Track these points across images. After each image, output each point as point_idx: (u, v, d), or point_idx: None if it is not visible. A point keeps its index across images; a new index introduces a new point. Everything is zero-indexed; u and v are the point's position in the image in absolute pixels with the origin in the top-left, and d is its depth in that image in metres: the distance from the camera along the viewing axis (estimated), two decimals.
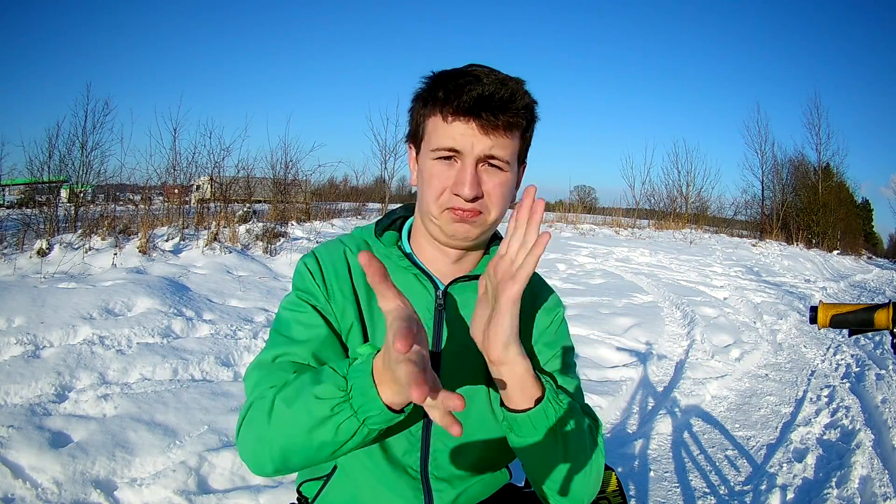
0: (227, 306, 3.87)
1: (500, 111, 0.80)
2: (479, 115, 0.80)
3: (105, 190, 7.71)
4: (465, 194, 0.81)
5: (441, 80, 0.83)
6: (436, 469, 0.87)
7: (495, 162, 0.83)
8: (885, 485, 2.25)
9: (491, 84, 0.80)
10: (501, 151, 0.82)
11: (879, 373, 3.88)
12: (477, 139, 0.81)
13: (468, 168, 0.81)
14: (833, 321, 0.94)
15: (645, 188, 18.14)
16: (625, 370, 3.54)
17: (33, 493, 1.77)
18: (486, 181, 0.83)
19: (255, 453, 0.73)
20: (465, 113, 0.80)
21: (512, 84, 0.82)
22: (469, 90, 0.80)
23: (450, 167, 0.83)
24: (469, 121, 0.81)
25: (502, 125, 0.81)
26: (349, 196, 14.39)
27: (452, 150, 0.82)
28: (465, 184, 0.81)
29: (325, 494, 0.91)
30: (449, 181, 0.83)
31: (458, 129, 0.81)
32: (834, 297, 8.28)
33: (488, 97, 0.80)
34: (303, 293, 0.86)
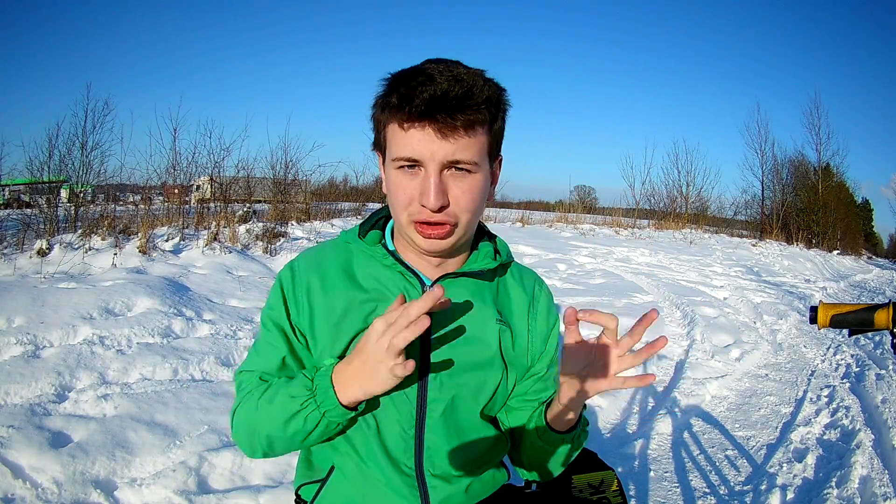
0: (227, 306, 3.87)
1: (457, 111, 0.75)
2: (433, 118, 0.75)
3: (105, 190, 7.70)
4: (431, 204, 0.77)
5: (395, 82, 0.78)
6: (430, 466, 0.87)
7: (461, 166, 0.79)
8: (885, 485, 2.25)
9: (444, 82, 0.75)
10: (466, 154, 0.78)
11: (879, 373, 3.88)
12: (436, 145, 0.76)
13: (431, 176, 0.77)
14: (833, 321, 0.94)
15: (645, 188, 18.11)
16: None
17: (33, 493, 1.77)
18: (453, 187, 0.79)
19: (248, 440, 0.87)
20: (420, 118, 0.75)
21: (467, 78, 0.77)
22: (420, 92, 0.74)
23: (413, 176, 0.79)
24: (424, 126, 0.76)
25: (462, 125, 0.76)
26: (349, 196, 14.37)
27: (412, 160, 0.78)
28: (429, 194, 0.77)
29: (322, 496, 0.91)
30: (414, 191, 0.79)
31: (415, 136, 0.76)
32: (834, 297, 8.28)
33: (441, 97, 0.74)
34: (272, 312, 0.89)
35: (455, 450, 0.88)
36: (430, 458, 0.87)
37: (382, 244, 0.90)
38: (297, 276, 0.89)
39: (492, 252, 0.93)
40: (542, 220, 15.04)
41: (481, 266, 0.90)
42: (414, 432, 0.86)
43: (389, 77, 0.81)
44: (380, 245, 0.89)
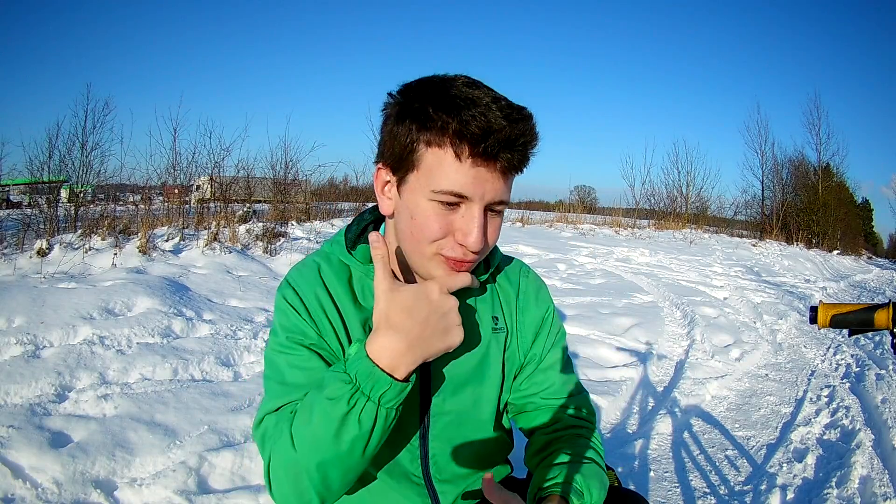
0: (227, 306, 3.87)
1: (521, 152, 0.73)
2: (501, 157, 0.72)
3: (105, 190, 7.70)
4: (474, 246, 0.74)
5: (446, 103, 0.71)
6: (437, 472, 0.88)
7: (499, 207, 0.77)
8: (885, 485, 2.25)
9: (512, 121, 0.71)
10: (508, 195, 0.77)
11: (879, 373, 3.88)
12: (491, 183, 0.73)
13: (477, 217, 0.74)
14: (833, 321, 0.94)
15: (645, 188, 18.15)
16: (625, 370, 3.54)
17: (33, 493, 1.77)
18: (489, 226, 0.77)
19: (296, 489, 0.73)
20: (487, 155, 0.71)
21: (529, 122, 0.74)
22: (491, 127, 0.70)
23: (452, 211, 0.74)
24: (489, 163, 0.72)
25: (518, 166, 0.75)
26: (349, 196, 14.36)
27: (459, 196, 0.73)
28: (472, 234, 0.74)
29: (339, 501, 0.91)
30: (451, 227, 0.75)
31: (475, 172, 0.72)
32: (834, 297, 8.28)
33: (514, 139, 0.71)
34: (292, 334, 0.80)
35: (459, 457, 0.89)
36: (437, 466, 0.88)
37: None
38: (304, 295, 0.82)
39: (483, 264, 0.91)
40: (542, 220, 15.04)
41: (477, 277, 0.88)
42: (419, 443, 0.87)
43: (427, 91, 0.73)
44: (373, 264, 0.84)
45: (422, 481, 0.88)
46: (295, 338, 0.80)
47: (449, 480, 0.89)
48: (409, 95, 0.75)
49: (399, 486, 0.87)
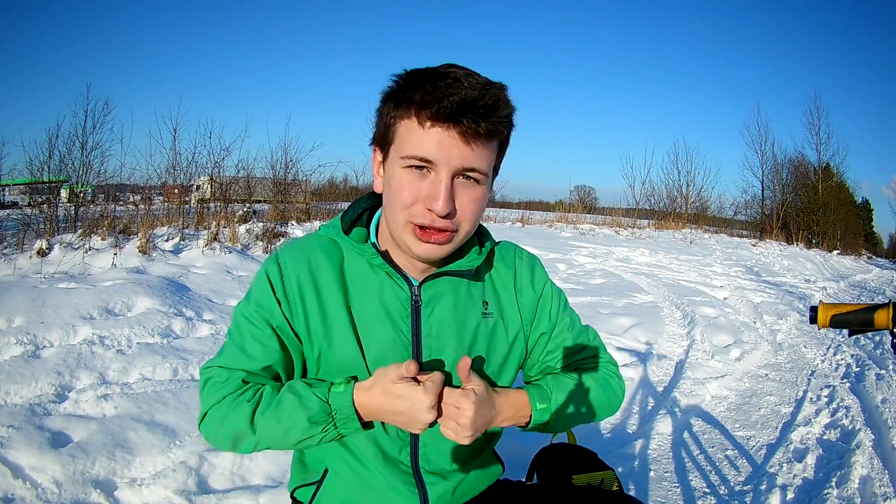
0: (227, 306, 3.87)
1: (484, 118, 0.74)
2: (459, 121, 0.74)
3: (105, 190, 7.70)
4: (439, 210, 0.76)
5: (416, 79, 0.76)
6: (426, 463, 0.89)
7: (473, 175, 0.78)
8: (885, 485, 2.25)
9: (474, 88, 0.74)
10: (481, 163, 0.77)
11: (879, 373, 3.88)
12: (457, 149, 0.75)
13: (444, 180, 0.76)
14: (833, 321, 0.94)
15: (645, 188, 18.11)
16: (625, 370, 3.53)
17: (33, 493, 1.77)
18: (461, 195, 0.78)
19: (228, 440, 0.83)
20: (446, 118, 0.74)
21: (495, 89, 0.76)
22: (451, 94, 0.73)
23: (422, 177, 0.77)
24: (449, 127, 0.74)
25: (484, 133, 0.75)
26: (349, 196, 14.36)
27: (426, 161, 0.76)
28: (438, 198, 0.76)
29: (319, 498, 0.91)
30: (421, 193, 0.77)
31: (436, 135, 0.75)
32: (834, 297, 8.28)
33: (472, 102, 0.74)
34: (261, 309, 0.85)
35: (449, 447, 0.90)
36: (426, 456, 0.89)
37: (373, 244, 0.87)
38: (286, 275, 0.85)
39: (477, 247, 0.91)
40: (542, 220, 15.04)
41: (468, 264, 0.89)
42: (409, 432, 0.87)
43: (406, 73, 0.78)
44: (368, 244, 0.87)
45: (410, 470, 0.88)
46: (263, 314, 0.85)
47: (437, 472, 0.90)
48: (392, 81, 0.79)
49: (387, 472, 0.88)
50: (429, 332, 0.86)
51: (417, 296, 0.86)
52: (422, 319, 0.86)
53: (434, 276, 0.87)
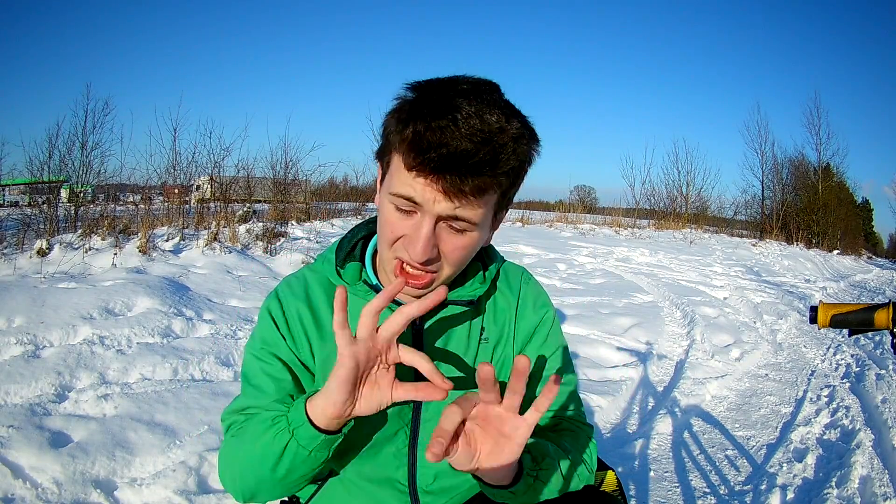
0: (227, 306, 3.87)
1: (472, 175, 0.68)
2: (443, 176, 0.67)
3: (105, 190, 7.70)
4: (416, 257, 0.72)
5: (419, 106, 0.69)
6: (424, 483, 0.89)
7: (458, 225, 0.73)
8: (885, 485, 2.25)
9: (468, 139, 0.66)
10: (467, 214, 0.71)
11: (879, 373, 3.88)
12: (440, 202, 0.70)
13: (424, 227, 0.71)
14: (833, 321, 0.94)
15: (645, 188, 18.13)
16: (625, 370, 3.54)
17: (33, 493, 1.77)
18: (446, 241, 0.74)
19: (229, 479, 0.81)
20: (429, 171, 0.68)
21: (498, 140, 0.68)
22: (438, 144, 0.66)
23: (407, 217, 0.73)
24: (432, 181, 0.68)
25: (469, 192, 0.69)
26: (349, 196, 14.37)
27: (411, 202, 0.71)
28: (416, 245, 0.71)
29: (318, 498, 0.91)
30: (404, 232, 0.73)
31: (420, 184, 0.69)
32: (834, 297, 8.28)
33: (459, 157, 0.66)
34: (267, 345, 0.84)
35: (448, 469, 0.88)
36: (424, 477, 0.88)
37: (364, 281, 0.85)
38: (287, 309, 0.85)
39: (481, 275, 0.88)
40: (542, 220, 15.05)
41: (470, 293, 0.86)
42: (407, 451, 0.87)
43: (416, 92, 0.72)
44: (361, 283, 0.85)
45: (406, 489, 0.88)
46: (270, 349, 0.84)
47: (434, 492, 0.89)
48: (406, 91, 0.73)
49: (381, 492, 0.87)
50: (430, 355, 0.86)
51: (419, 325, 0.85)
52: (423, 348, 0.85)
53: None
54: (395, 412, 0.85)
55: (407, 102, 0.71)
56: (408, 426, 0.86)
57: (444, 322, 0.87)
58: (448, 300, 0.85)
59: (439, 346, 0.87)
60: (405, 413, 0.86)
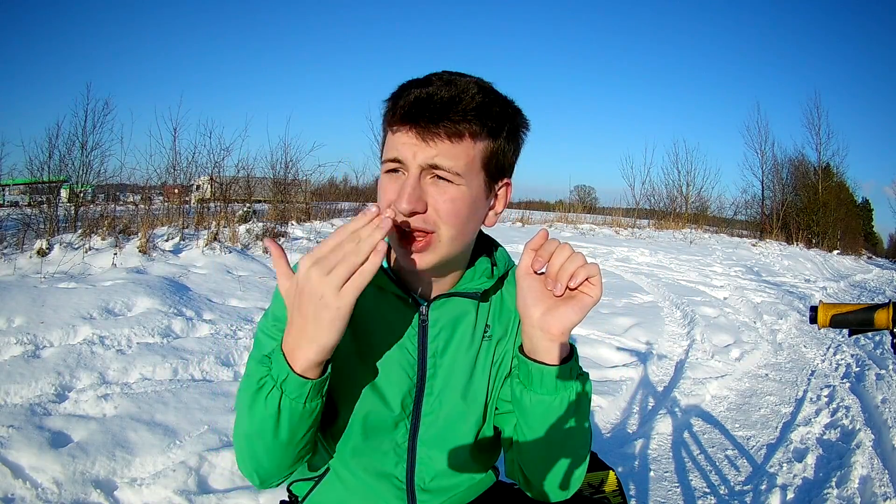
0: (227, 306, 3.87)
1: (441, 114, 0.73)
2: (416, 121, 0.73)
3: (105, 190, 7.70)
4: (401, 207, 0.74)
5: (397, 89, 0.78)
6: (421, 481, 0.89)
7: (442, 173, 0.74)
8: (885, 485, 2.25)
9: (434, 87, 0.73)
10: (448, 161, 0.74)
11: (879, 373, 3.88)
12: (417, 148, 0.74)
13: (409, 180, 0.75)
14: (833, 321, 0.94)
15: (645, 188, 18.13)
16: (625, 370, 3.54)
17: (33, 493, 1.77)
18: (433, 194, 0.75)
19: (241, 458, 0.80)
20: (403, 120, 0.74)
21: (461, 85, 0.74)
22: (408, 95, 0.74)
23: (396, 179, 0.76)
24: (408, 128, 0.74)
25: (444, 133, 0.73)
26: (349, 196, 14.38)
27: (396, 161, 0.76)
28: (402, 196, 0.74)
29: (315, 494, 0.92)
30: (395, 193, 0.75)
31: (400, 138, 0.75)
32: (834, 297, 8.28)
33: (425, 100, 0.73)
34: (279, 322, 0.82)
35: (447, 463, 0.89)
36: (421, 474, 0.88)
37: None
38: None
39: (489, 269, 0.89)
40: (542, 220, 15.05)
41: (476, 286, 0.87)
42: (407, 446, 0.87)
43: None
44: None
45: (403, 486, 0.88)
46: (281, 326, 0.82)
47: (431, 490, 0.89)
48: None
49: (379, 487, 0.88)
50: (434, 352, 0.86)
51: (425, 316, 0.86)
52: (428, 340, 0.86)
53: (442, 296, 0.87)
54: (398, 402, 0.85)
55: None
56: (408, 418, 0.86)
57: (449, 314, 0.87)
58: (454, 292, 0.86)
59: (442, 335, 0.87)
60: (407, 403, 0.86)
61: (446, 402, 0.87)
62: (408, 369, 0.85)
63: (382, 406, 0.84)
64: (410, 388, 0.85)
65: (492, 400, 0.91)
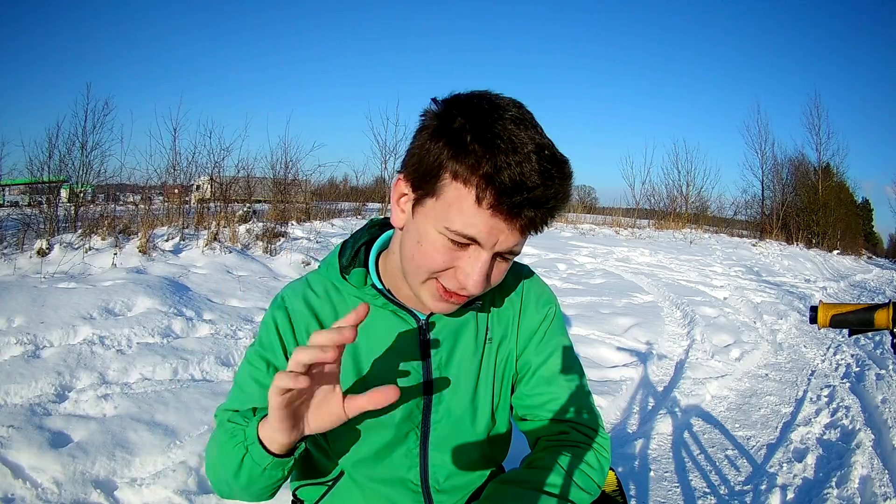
0: (227, 306, 3.87)
1: (550, 212, 0.71)
2: (522, 213, 0.68)
3: (105, 190, 7.70)
4: (472, 290, 0.73)
5: (484, 137, 0.66)
6: (435, 482, 0.89)
7: (509, 256, 0.75)
8: (885, 485, 2.25)
9: (543, 175, 0.67)
10: (521, 246, 0.74)
11: (879, 373, 3.88)
12: (506, 235, 0.70)
13: (483, 263, 0.72)
14: (833, 321, 0.94)
15: (645, 188, 18.24)
16: (625, 370, 3.54)
17: (33, 493, 1.77)
18: (494, 269, 0.75)
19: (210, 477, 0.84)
20: (509, 211, 0.68)
21: (566, 173, 0.70)
22: (527, 187, 0.66)
23: (460, 249, 0.72)
24: (509, 218, 0.68)
25: (537, 227, 0.72)
26: (349, 196, 14.39)
27: (470, 239, 0.70)
28: (473, 279, 0.72)
29: (329, 498, 0.91)
30: (454, 263, 0.73)
31: (492, 221, 0.68)
32: (834, 297, 8.28)
33: (543, 201, 0.68)
34: (264, 350, 0.84)
35: (458, 464, 0.90)
36: (435, 476, 0.89)
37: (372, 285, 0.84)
38: (295, 319, 0.84)
39: None
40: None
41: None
42: (418, 451, 0.87)
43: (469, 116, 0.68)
44: (368, 287, 0.84)
45: (419, 489, 0.88)
46: (265, 354, 0.84)
47: (446, 490, 0.90)
48: (450, 113, 0.69)
49: (394, 492, 0.88)
50: (439, 364, 0.86)
51: (425, 329, 0.85)
52: (431, 352, 0.85)
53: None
54: (406, 416, 0.85)
55: (456, 128, 0.68)
56: (418, 427, 0.86)
57: (449, 322, 0.87)
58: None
59: (445, 347, 0.87)
60: (415, 416, 0.86)
61: (454, 409, 0.87)
62: (413, 384, 0.85)
63: (391, 421, 0.84)
64: (418, 401, 0.85)
65: (499, 400, 0.92)
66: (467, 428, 0.89)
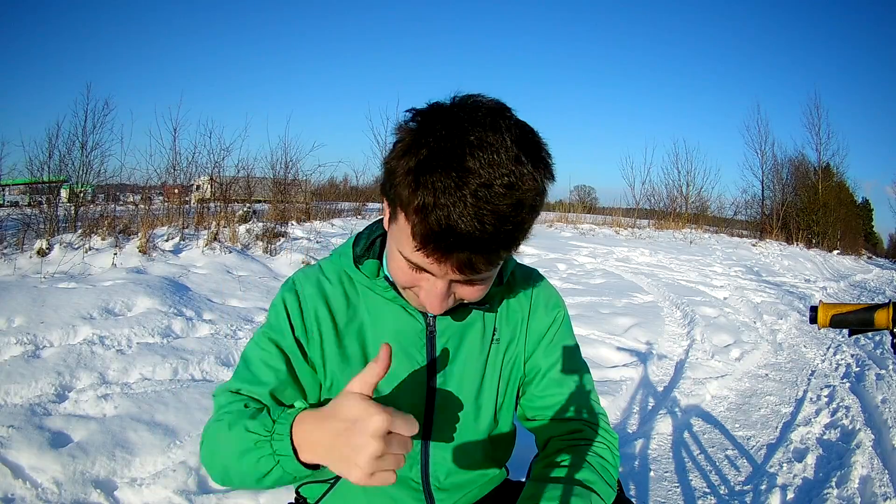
0: (227, 306, 3.87)
1: (485, 254, 0.65)
2: (451, 255, 0.65)
3: (105, 190, 7.70)
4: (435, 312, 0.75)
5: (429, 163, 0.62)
6: (436, 481, 0.89)
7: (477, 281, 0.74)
8: (885, 485, 2.25)
9: (477, 220, 0.61)
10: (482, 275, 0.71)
11: (879, 373, 3.88)
12: (450, 272, 0.69)
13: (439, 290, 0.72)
14: (833, 321, 0.94)
15: (645, 188, 18.16)
16: (625, 370, 3.54)
17: (33, 493, 1.77)
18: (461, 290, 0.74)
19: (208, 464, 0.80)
20: (441, 253, 0.65)
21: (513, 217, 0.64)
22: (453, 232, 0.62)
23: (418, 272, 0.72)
24: (442, 261, 0.66)
25: (483, 267, 0.68)
26: (349, 196, 14.38)
27: (422, 270, 0.71)
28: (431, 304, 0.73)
29: (331, 496, 0.91)
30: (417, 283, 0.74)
31: (429, 261, 0.67)
32: (834, 297, 8.28)
33: (475, 245, 0.63)
34: (273, 332, 0.83)
35: (460, 463, 0.90)
36: (436, 474, 0.89)
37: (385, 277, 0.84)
38: (305, 303, 0.84)
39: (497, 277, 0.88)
40: (542, 220, 15.03)
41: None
42: (420, 449, 0.87)
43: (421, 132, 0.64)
44: (381, 278, 0.84)
45: (420, 487, 0.89)
46: (274, 336, 0.83)
47: (447, 489, 0.90)
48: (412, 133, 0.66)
49: (396, 491, 0.88)
50: (443, 362, 0.86)
51: (432, 326, 0.86)
52: (437, 349, 0.86)
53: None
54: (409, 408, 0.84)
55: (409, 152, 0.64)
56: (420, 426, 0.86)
57: (456, 322, 0.87)
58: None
59: (450, 344, 0.87)
60: (418, 411, 0.86)
61: (457, 408, 0.88)
62: (418, 379, 0.85)
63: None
64: (421, 396, 0.86)
65: (503, 400, 0.92)
66: (470, 427, 0.89)
